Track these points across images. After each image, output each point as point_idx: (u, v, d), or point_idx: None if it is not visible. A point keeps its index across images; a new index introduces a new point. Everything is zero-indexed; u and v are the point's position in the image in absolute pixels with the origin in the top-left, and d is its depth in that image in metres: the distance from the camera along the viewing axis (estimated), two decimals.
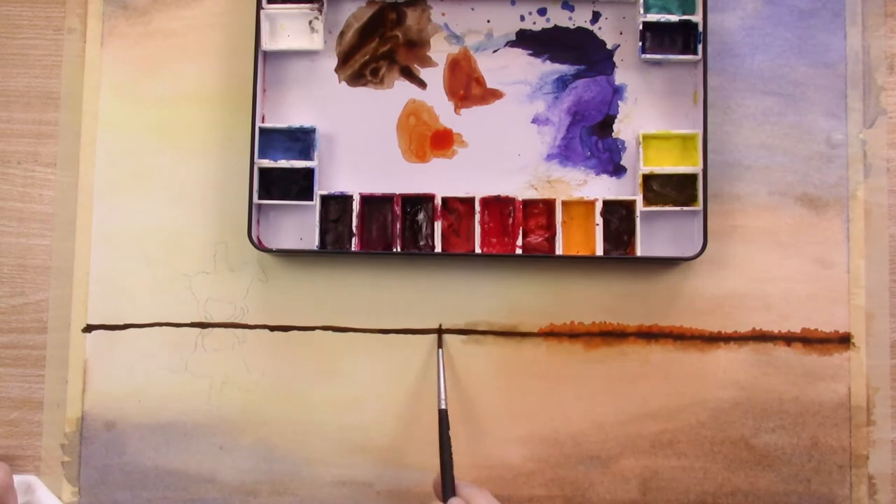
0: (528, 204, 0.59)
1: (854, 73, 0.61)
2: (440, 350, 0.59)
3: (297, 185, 0.60)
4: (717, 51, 0.61)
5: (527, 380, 0.60)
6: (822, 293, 0.60)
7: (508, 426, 0.59)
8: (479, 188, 0.60)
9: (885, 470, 0.59)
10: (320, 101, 0.61)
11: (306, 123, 0.60)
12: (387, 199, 0.60)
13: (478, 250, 0.59)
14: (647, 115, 0.60)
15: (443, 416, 0.55)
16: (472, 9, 0.61)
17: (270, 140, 0.60)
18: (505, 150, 0.60)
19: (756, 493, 0.59)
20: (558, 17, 0.61)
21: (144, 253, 0.61)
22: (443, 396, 0.56)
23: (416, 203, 0.60)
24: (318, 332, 0.61)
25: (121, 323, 0.61)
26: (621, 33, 0.61)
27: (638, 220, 0.59)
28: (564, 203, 0.59)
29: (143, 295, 0.61)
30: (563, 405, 0.60)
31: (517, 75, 0.61)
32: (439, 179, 0.60)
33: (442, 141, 0.60)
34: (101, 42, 0.62)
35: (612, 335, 0.60)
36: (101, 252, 0.61)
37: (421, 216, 0.60)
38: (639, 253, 0.58)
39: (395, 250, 0.59)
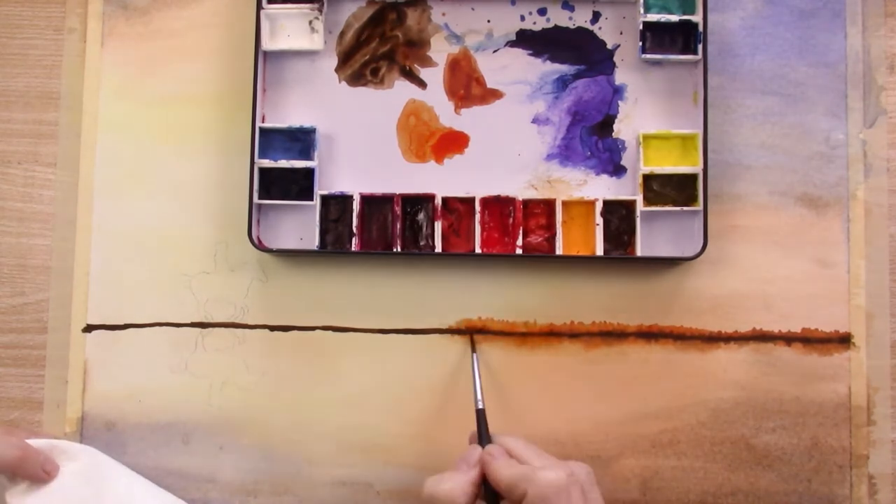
0: (528, 204, 0.59)
1: (854, 73, 0.61)
2: (475, 355, 0.58)
3: (297, 185, 0.60)
4: (717, 51, 0.61)
5: (527, 380, 0.60)
6: (822, 293, 0.60)
7: (509, 426, 0.59)
8: (479, 188, 0.60)
9: (885, 470, 0.59)
10: (320, 101, 0.61)
11: (306, 123, 0.60)
12: (387, 199, 0.60)
13: (478, 250, 0.59)
14: (648, 115, 0.60)
15: (481, 416, 0.54)
16: (473, 9, 0.61)
17: (270, 140, 0.60)
18: (505, 150, 0.60)
19: (756, 493, 0.59)
20: (558, 17, 0.61)
21: (144, 253, 0.61)
22: (479, 396, 0.55)
23: (416, 203, 0.60)
24: (318, 332, 0.61)
25: (121, 323, 0.61)
26: (621, 33, 0.61)
27: (638, 220, 0.59)
28: (564, 203, 0.59)
29: (143, 295, 0.61)
30: (563, 405, 0.60)
31: (517, 75, 0.61)
32: (439, 179, 0.60)
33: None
34: (101, 42, 0.62)
35: (612, 335, 0.60)
36: (101, 252, 0.61)
37: (421, 216, 0.60)
38: (639, 253, 0.58)
39: (395, 250, 0.59)
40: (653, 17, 0.59)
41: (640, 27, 0.59)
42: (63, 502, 0.54)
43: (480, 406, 0.54)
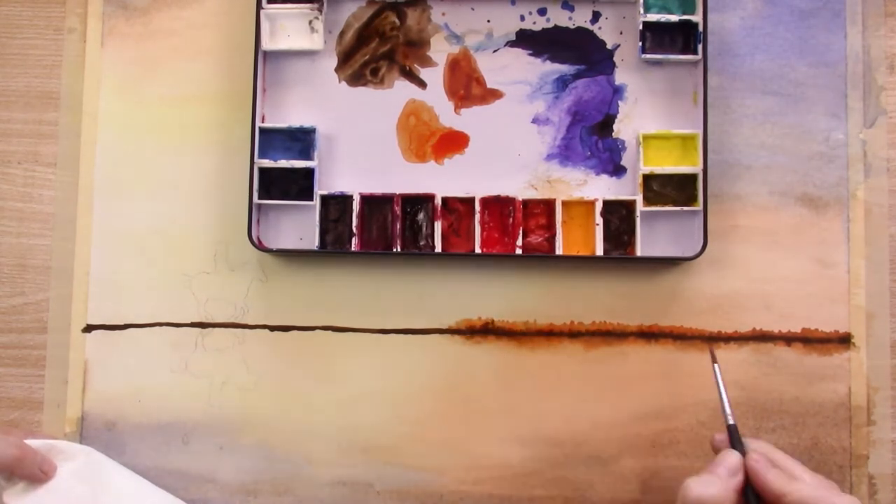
0: (528, 204, 0.59)
1: (854, 73, 0.61)
2: (716, 366, 0.54)
3: (297, 185, 0.60)
4: (717, 51, 0.61)
5: (527, 380, 0.60)
6: (822, 293, 0.60)
7: (508, 426, 0.59)
8: (479, 188, 0.60)
9: (885, 470, 0.59)
10: (320, 101, 0.61)
11: (306, 123, 0.60)
12: (387, 199, 0.60)
13: (478, 250, 0.59)
14: (648, 115, 0.60)
15: (733, 431, 0.52)
16: (472, 9, 0.61)
17: (270, 140, 0.60)
18: (505, 150, 0.60)
19: None
20: (558, 17, 0.61)
21: (144, 253, 0.61)
22: (728, 411, 0.52)
23: (416, 203, 0.60)
24: (318, 332, 0.61)
25: (121, 323, 0.61)
26: (621, 33, 0.61)
27: (638, 220, 0.58)
28: (564, 203, 0.59)
29: (143, 295, 0.61)
30: (563, 405, 0.60)
31: (517, 75, 0.61)
32: (439, 179, 0.60)
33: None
34: (101, 42, 0.62)
35: (612, 335, 0.60)
36: (101, 252, 0.61)
37: (421, 216, 0.60)
38: (639, 253, 0.58)
39: (395, 250, 0.59)
40: (653, 17, 0.59)
41: (640, 27, 0.59)
42: (60, 502, 0.54)
43: (731, 421, 0.52)
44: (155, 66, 0.62)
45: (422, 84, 0.61)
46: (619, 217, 0.59)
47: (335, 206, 0.60)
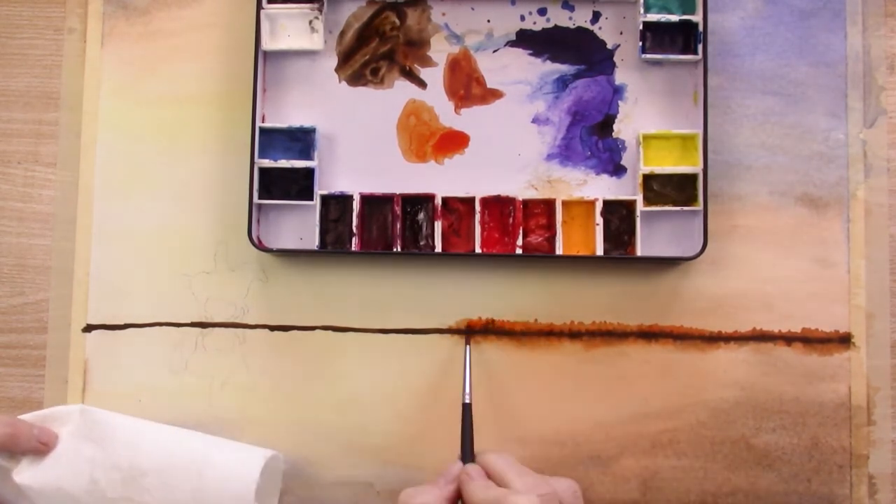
0: (528, 204, 0.59)
1: (854, 73, 0.61)
2: (468, 347, 0.58)
3: (297, 184, 0.60)
4: (717, 51, 0.61)
5: (527, 380, 0.60)
6: (823, 293, 0.60)
7: (509, 426, 0.59)
8: (479, 188, 0.60)
9: (885, 470, 0.59)
10: (320, 101, 0.61)
11: (306, 123, 0.60)
12: (387, 199, 0.60)
13: (478, 250, 0.59)
14: (648, 115, 0.60)
15: (466, 410, 0.54)
16: (473, 9, 0.61)
17: (270, 140, 0.60)
18: (505, 150, 0.60)
19: (756, 493, 0.59)
20: (558, 17, 0.61)
21: (144, 253, 0.61)
22: (468, 391, 0.54)
23: (417, 203, 0.60)
24: (318, 332, 0.61)
25: (121, 323, 0.61)
26: (621, 33, 0.61)
27: (638, 220, 0.59)
28: (564, 203, 0.59)
29: (143, 295, 0.61)
30: (563, 405, 0.60)
31: (517, 75, 0.61)
32: (439, 179, 0.60)
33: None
34: (101, 42, 0.62)
35: (612, 335, 0.60)
36: (101, 252, 0.61)
37: (421, 216, 0.60)
38: (639, 253, 0.58)
39: (395, 250, 0.59)
40: (653, 17, 0.59)
41: (640, 27, 0.59)
42: (70, 466, 0.54)
43: (468, 400, 0.54)
44: (155, 66, 0.62)
45: (422, 84, 0.61)
46: (619, 217, 0.59)
47: (335, 205, 0.60)
